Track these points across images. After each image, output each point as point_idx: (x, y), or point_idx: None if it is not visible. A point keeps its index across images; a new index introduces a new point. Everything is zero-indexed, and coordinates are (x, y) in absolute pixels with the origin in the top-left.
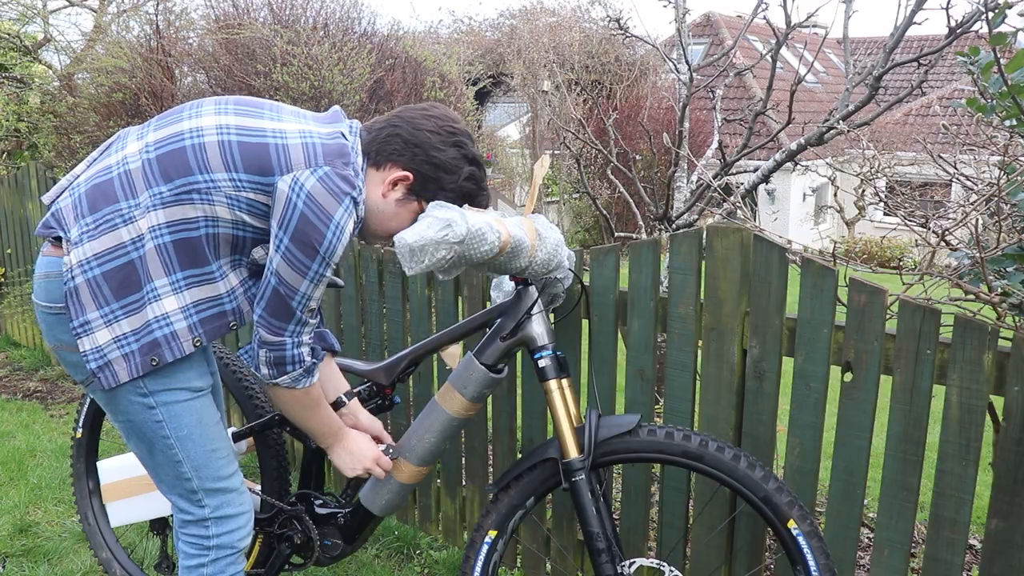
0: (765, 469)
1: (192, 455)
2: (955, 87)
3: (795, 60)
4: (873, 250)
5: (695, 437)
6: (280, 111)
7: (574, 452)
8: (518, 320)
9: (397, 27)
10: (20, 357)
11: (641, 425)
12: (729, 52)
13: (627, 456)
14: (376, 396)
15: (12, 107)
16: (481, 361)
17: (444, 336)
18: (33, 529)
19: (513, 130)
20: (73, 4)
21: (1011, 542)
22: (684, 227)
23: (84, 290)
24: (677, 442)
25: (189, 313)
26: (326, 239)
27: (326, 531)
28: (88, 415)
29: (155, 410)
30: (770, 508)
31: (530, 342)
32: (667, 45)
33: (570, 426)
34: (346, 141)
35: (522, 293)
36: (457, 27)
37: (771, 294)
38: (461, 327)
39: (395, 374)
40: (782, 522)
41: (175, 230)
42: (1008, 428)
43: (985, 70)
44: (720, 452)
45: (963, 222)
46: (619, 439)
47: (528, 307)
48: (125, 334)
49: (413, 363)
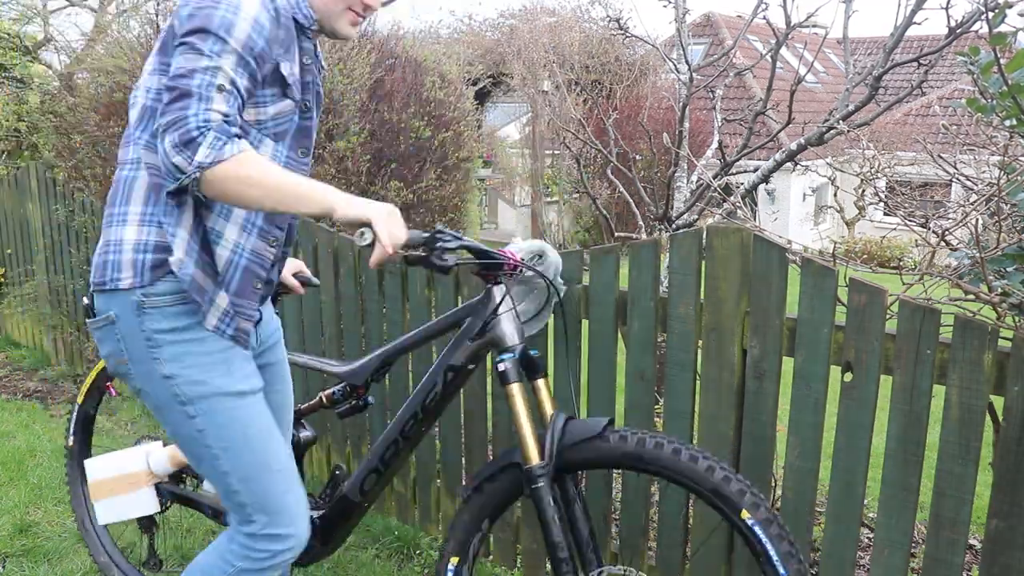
0: (711, 460)
1: (239, 467)
2: (955, 87)
3: (795, 60)
4: (873, 250)
5: (633, 437)
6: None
7: (536, 457)
8: (485, 320)
9: (397, 27)
10: (20, 357)
11: (609, 430)
12: (729, 52)
13: (594, 462)
14: (350, 396)
15: (12, 107)
16: (451, 362)
17: (416, 336)
18: (33, 529)
19: (513, 130)
20: (73, 4)
21: (1011, 542)
22: (684, 227)
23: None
24: (631, 447)
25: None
26: (215, 16)
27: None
28: (78, 422)
29: (195, 420)
30: (721, 501)
31: (498, 342)
32: (667, 45)
33: (532, 431)
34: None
35: (489, 292)
36: (457, 27)
37: (771, 294)
38: (433, 327)
39: (367, 374)
40: (735, 514)
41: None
42: (1008, 428)
43: (985, 70)
44: (658, 448)
45: (963, 222)
46: (587, 443)
47: (495, 307)
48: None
49: (386, 363)
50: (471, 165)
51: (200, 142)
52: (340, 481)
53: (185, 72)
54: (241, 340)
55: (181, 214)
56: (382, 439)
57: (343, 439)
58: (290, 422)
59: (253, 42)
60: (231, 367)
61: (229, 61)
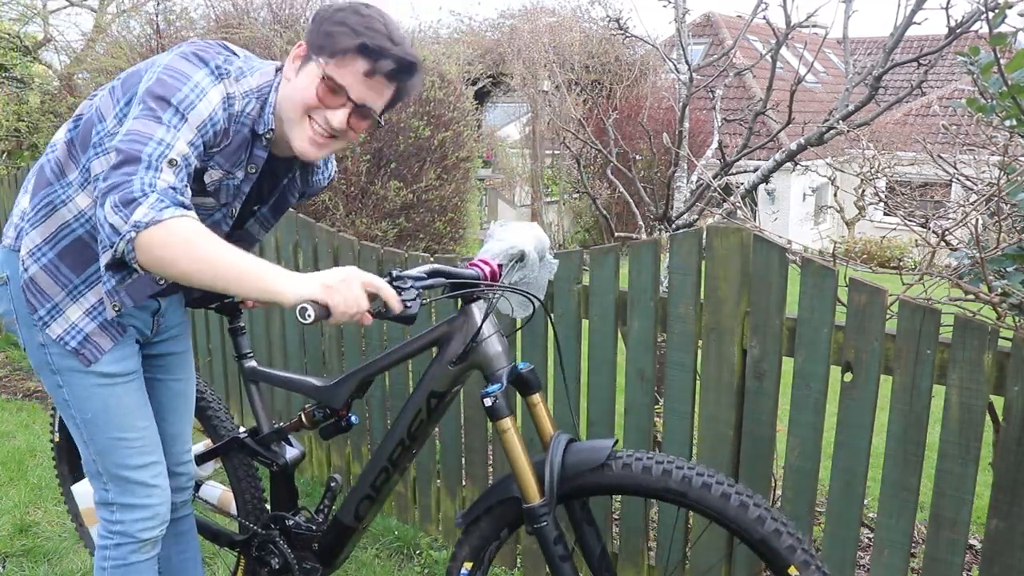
0: (762, 507)
1: (96, 439)
2: (955, 87)
3: (795, 60)
4: (873, 250)
5: (677, 470)
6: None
7: (536, 496)
8: (465, 344)
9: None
10: (20, 357)
11: (615, 455)
12: (729, 52)
13: (599, 490)
14: (331, 417)
15: (12, 107)
16: (434, 388)
17: (391, 356)
18: (33, 529)
19: (513, 130)
20: (73, 4)
21: (1011, 542)
22: (684, 227)
23: (41, 277)
24: (656, 477)
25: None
26: (181, 92)
27: (303, 555)
28: (61, 420)
29: (63, 389)
30: (768, 552)
31: (484, 366)
32: (667, 45)
33: (529, 469)
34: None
35: (468, 312)
36: (457, 27)
37: (771, 294)
38: (410, 346)
39: (345, 396)
40: (783, 567)
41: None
42: (1008, 428)
43: (985, 70)
44: (705, 489)
45: (963, 222)
46: (589, 473)
47: (476, 329)
48: (93, 305)
49: (365, 384)
50: (471, 165)
51: (141, 202)
52: (335, 493)
53: (139, 138)
54: (82, 359)
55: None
56: (371, 465)
57: (343, 438)
58: (190, 410)
59: (205, 129)
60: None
61: (185, 138)
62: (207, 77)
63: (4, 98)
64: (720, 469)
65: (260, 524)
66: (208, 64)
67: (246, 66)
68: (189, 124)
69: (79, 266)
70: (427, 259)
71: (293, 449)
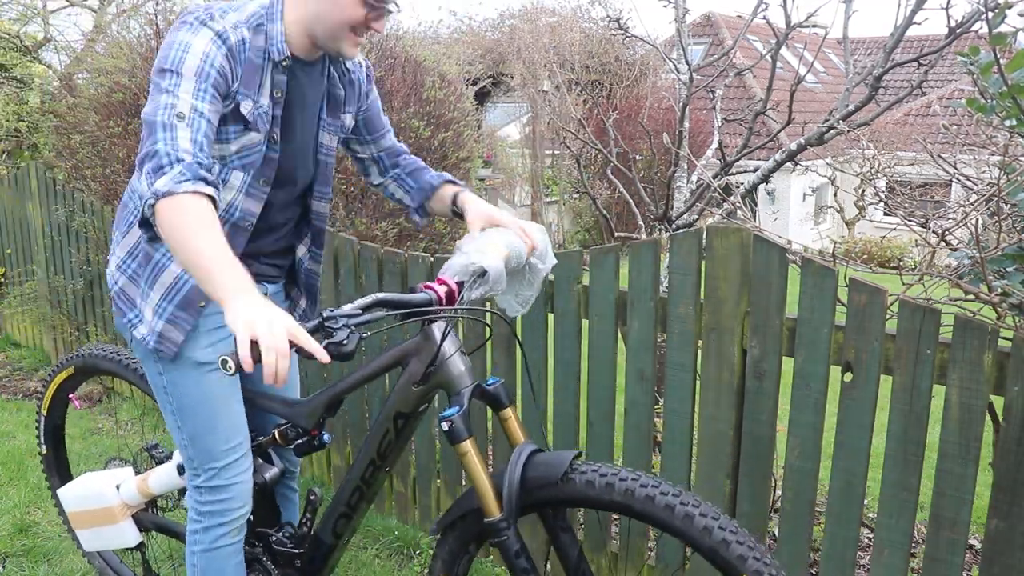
0: (709, 515)
1: (188, 425)
2: (955, 87)
3: (795, 60)
4: (873, 250)
5: (620, 482)
6: None
7: (495, 511)
8: (426, 366)
9: (397, 27)
10: (20, 357)
11: (572, 469)
12: (729, 52)
13: (556, 503)
14: (303, 435)
15: (12, 107)
16: (400, 409)
17: (358, 376)
18: (33, 529)
19: (513, 130)
20: (73, 4)
21: (1011, 542)
22: (684, 227)
23: (128, 286)
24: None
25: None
26: (170, 56)
27: (287, 571)
28: (47, 431)
29: (163, 377)
30: (720, 562)
31: (447, 386)
32: (667, 45)
33: (489, 484)
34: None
35: (428, 333)
36: (457, 27)
37: (771, 294)
38: (371, 367)
39: (315, 417)
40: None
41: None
42: (1008, 428)
43: (985, 70)
44: (650, 501)
45: (963, 222)
46: (548, 488)
47: (435, 350)
48: (158, 303)
49: (332, 405)
50: (471, 165)
51: (166, 171)
52: (316, 507)
53: (152, 109)
54: (163, 354)
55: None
56: (345, 485)
57: (344, 438)
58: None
59: (203, 71)
60: (198, 338)
61: (186, 89)
62: (187, 32)
63: (4, 98)
64: (720, 469)
65: (245, 541)
66: (187, 22)
67: (230, 5)
68: (184, 76)
69: (143, 271)
70: (427, 259)
71: (272, 467)
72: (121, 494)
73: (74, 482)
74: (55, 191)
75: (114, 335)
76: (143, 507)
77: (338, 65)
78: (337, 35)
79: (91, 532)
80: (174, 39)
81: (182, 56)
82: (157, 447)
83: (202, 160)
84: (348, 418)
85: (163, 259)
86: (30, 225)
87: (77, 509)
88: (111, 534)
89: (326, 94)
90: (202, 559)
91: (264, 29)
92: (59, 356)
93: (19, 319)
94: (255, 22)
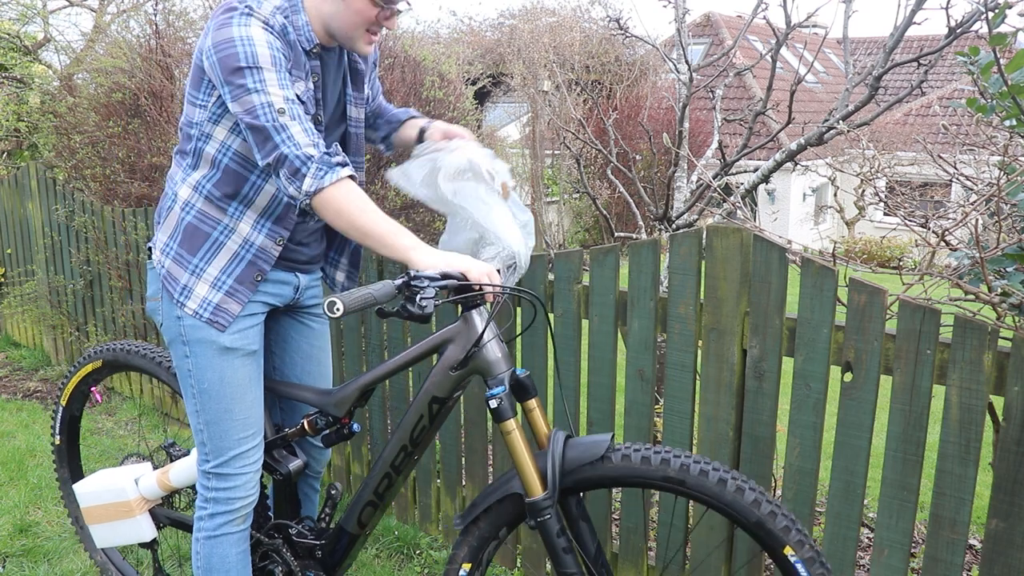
0: (757, 491)
1: (207, 409)
2: (955, 87)
3: (795, 60)
4: (873, 250)
5: (675, 459)
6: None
7: (539, 490)
8: (467, 351)
9: (396, 27)
10: (20, 357)
11: (613, 448)
12: (729, 52)
13: (600, 483)
14: (333, 424)
15: (12, 107)
16: (436, 394)
17: (393, 364)
18: (33, 529)
19: (513, 130)
20: (73, 4)
21: (1011, 542)
22: (684, 227)
23: (172, 267)
24: (655, 466)
25: (261, 225)
26: (239, 53)
27: (306, 563)
28: (63, 421)
29: (188, 359)
30: (764, 534)
31: (485, 371)
32: (667, 45)
33: (532, 464)
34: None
35: (469, 319)
36: (457, 27)
37: (771, 294)
38: (410, 354)
39: (348, 406)
40: (779, 548)
41: (210, 173)
42: (1008, 428)
43: (985, 70)
44: (703, 476)
45: (963, 222)
46: (589, 466)
47: (478, 335)
48: (217, 277)
49: (367, 392)
50: None
51: (304, 173)
52: (336, 501)
53: (248, 113)
54: (217, 325)
55: (166, 218)
56: (375, 473)
57: None
58: (320, 375)
59: (276, 59)
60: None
61: (271, 82)
62: (241, 26)
63: (4, 98)
64: None
65: (264, 532)
66: (232, 16)
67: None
68: (264, 69)
69: (194, 249)
70: None
71: (296, 459)
72: (140, 488)
73: (91, 477)
74: (55, 191)
75: (115, 335)
76: (160, 502)
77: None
78: (352, 34)
79: (106, 527)
80: (231, 35)
81: (252, 50)
82: (174, 445)
83: (322, 146)
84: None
85: (221, 236)
86: (30, 225)
87: (93, 504)
88: (127, 528)
89: (347, 71)
90: (206, 546)
91: (291, 20)
92: (59, 356)
93: (19, 319)
94: (283, 13)
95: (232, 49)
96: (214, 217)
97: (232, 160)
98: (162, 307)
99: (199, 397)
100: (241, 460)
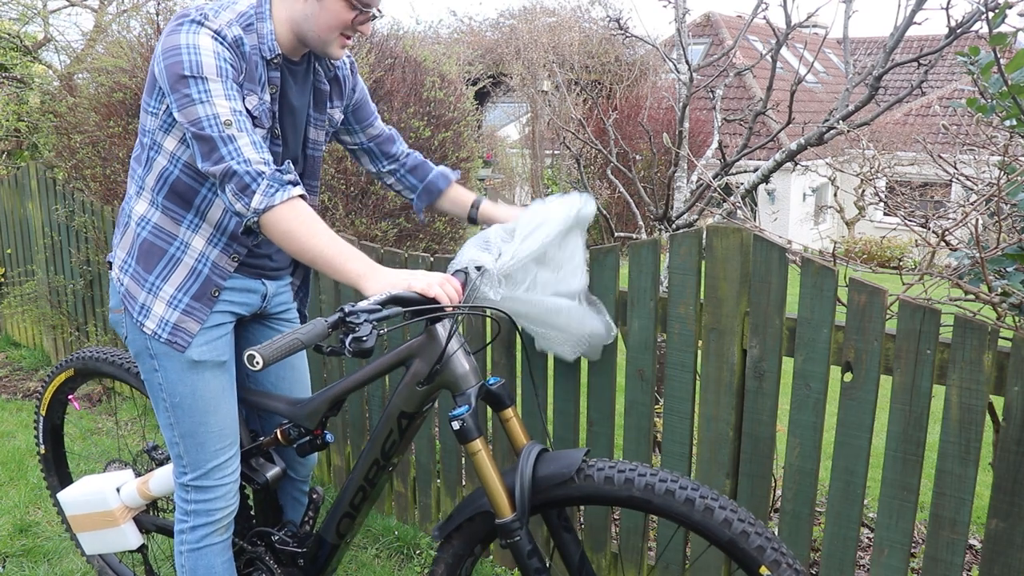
0: (728, 509)
1: (181, 422)
2: (955, 87)
3: (795, 60)
4: (873, 250)
5: (640, 477)
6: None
7: (507, 511)
8: (431, 366)
9: (397, 27)
10: (20, 357)
11: (586, 463)
12: (729, 52)
13: (568, 502)
14: (306, 435)
15: (12, 107)
16: (404, 409)
17: (361, 376)
18: (33, 529)
19: (513, 130)
20: (73, 4)
21: (1011, 542)
22: (684, 227)
23: (131, 284)
24: (619, 485)
25: (216, 240)
26: (184, 61)
27: (290, 570)
28: (45, 431)
29: (158, 373)
30: (738, 553)
31: (452, 386)
32: (667, 45)
33: (500, 485)
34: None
35: (432, 333)
36: (457, 27)
37: (771, 294)
38: (376, 367)
39: (317, 417)
40: (754, 567)
41: (160, 186)
42: (1008, 428)
43: (985, 70)
44: (670, 495)
45: (963, 222)
46: (559, 487)
47: (441, 349)
48: (172, 295)
49: (335, 404)
50: (471, 165)
51: (254, 190)
52: (318, 505)
53: (193, 123)
54: (177, 346)
55: (123, 234)
56: (348, 485)
57: (343, 438)
58: (297, 381)
59: (223, 70)
60: (195, 336)
61: (217, 93)
62: (188, 34)
63: (4, 98)
64: (720, 469)
65: (247, 540)
66: (182, 24)
67: (220, 5)
68: (208, 79)
69: (151, 267)
70: (427, 259)
71: (274, 467)
72: (122, 497)
73: (74, 485)
74: (55, 191)
75: (115, 335)
76: (144, 509)
77: (322, 62)
78: (326, 37)
79: (93, 535)
80: (178, 43)
81: (197, 59)
82: (156, 449)
83: (272, 163)
84: (348, 417)
85: (177, 252)
86: (30, 225)
87: (78, 512)
88: (113, 537)
89: (312, 90)
90: (190, 559)
91: (254, 28)
92: (59, 356)
93: (19, 319)
94: (245, 21)
95: (178, 57)
96: (169, 232)
97: (183, 172)
98: (125, 320)
99: (172, 411)
100: (220, 471)
